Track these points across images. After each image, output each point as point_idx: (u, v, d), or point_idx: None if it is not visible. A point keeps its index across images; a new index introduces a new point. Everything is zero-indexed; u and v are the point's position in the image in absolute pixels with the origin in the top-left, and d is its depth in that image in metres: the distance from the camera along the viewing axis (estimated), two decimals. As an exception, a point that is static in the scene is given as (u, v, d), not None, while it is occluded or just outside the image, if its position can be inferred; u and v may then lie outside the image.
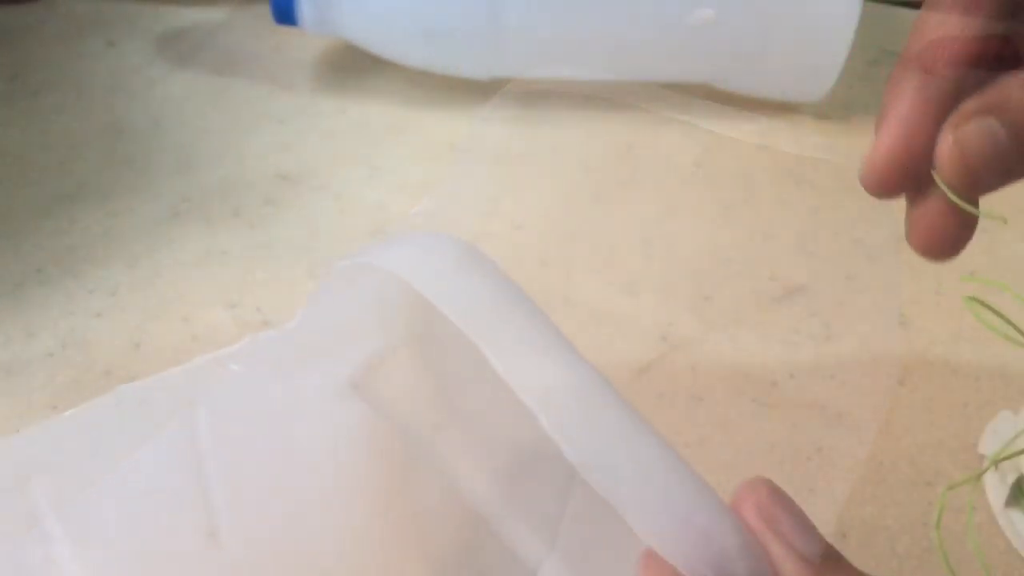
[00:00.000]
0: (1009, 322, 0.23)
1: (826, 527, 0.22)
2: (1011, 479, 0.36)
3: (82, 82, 0.58)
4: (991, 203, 0.24)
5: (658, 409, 0.40)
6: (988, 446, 0.38)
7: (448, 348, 0.27)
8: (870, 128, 0.25)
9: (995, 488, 0.36)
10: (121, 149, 0.53)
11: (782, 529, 0.22)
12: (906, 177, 0.24)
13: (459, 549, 0.29)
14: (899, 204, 0.26)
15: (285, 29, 0.56)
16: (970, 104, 0.23)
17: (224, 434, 0.27)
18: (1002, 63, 0.23)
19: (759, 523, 0.22)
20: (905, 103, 0.24)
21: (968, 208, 0.23)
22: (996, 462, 0.33)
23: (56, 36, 0.62)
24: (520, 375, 0.21)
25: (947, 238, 0.25)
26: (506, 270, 0.29)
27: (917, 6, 0.25)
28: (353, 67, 0.59)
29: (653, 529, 0.20)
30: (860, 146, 0.26)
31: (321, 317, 0.27)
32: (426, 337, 0.28)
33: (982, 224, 0.25)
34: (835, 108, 0.56)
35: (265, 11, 0.56)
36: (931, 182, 0.24)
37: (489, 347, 0.21)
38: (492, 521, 0.28)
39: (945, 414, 0.40)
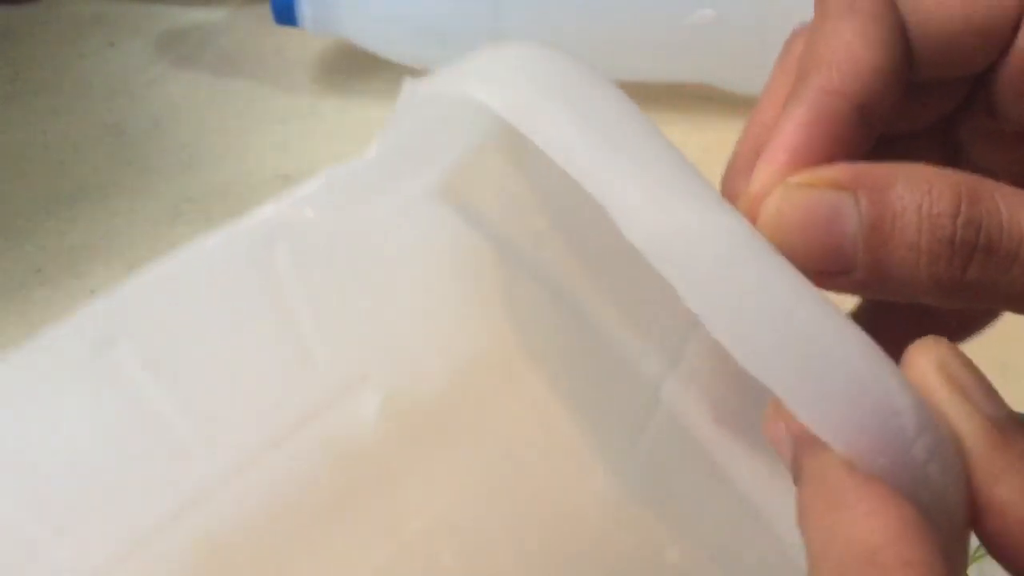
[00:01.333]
0: None
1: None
2: None
3: (82, 82, 0.58)
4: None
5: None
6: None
7: (545, 165, 0.22)
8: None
9: None
10: (121, 149, 0.53)
11: (966, 388, 0.18)
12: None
13: (570, 353, 0.26)
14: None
15: (285, 29, 0.56)
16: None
17: (305, 262, 0.25)
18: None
19: (938, 381, 0.18)
20: (796, 127, 0.20)
21: None
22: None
23: (56, 36, 0.62)
24: (653, 237, 0.17)
25: None
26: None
27: None
28: (353, 67, 0.59)
29: (813, 408, 0.16)
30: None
31: (400, 136, 0.25)
32: (520, 146, 0.24)
33: None
34: (835, 108, 0.56)
35: (265, 11, 0.56)
36: None
37: (601, 184, 0.18)
38: (607, 330, 0.25)
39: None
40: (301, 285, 0.26)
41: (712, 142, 0.55)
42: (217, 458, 0.25)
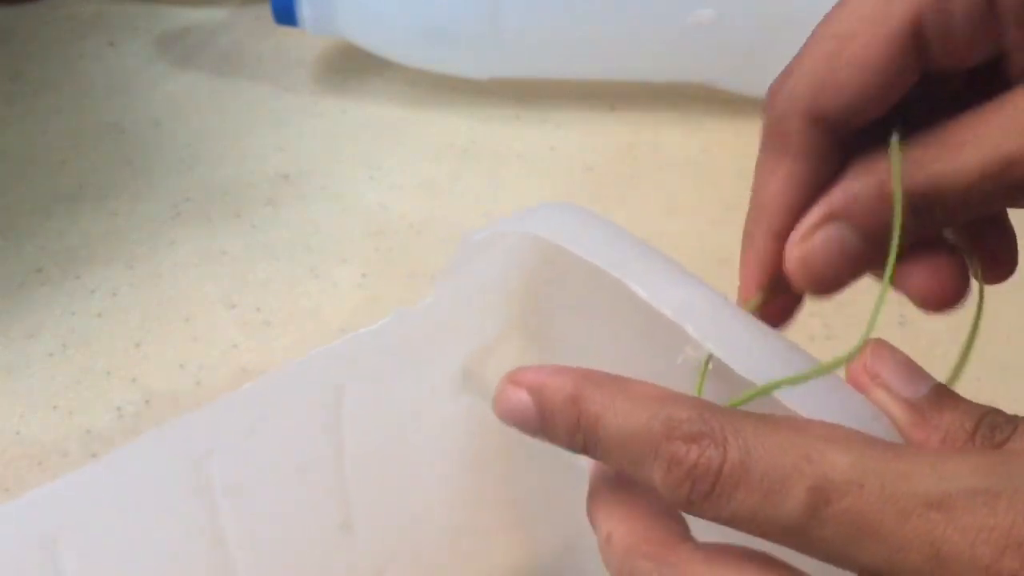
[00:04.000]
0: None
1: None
2: None
3: (82, 82, 0.58)
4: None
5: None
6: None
7: (557, 327, 0.30)
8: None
9: None
10: (121, 149, 0.53)
11: (883, 379, 0.22)
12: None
13: (582, 514, 0.30)
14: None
15: (285, 29, 0.56)
16: (814, 213, 0.23)
17: (358, 429, 0.28)
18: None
19: (867, 380, 0.22)
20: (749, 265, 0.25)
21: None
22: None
23: (57, 36, 0.62)
24: (665, 298, 0.23)
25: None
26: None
27: None
28: (353, 67, 0.59)
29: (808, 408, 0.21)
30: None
31: (443, 301, 0.29)
32: (536, 323, 0.30)
33: None
34: (835, 108, 0.56)
35: (265, 11, 0.56)
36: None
37: (628, 277, 0.24)
38: None
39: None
40: (355, 447, 0.29)
41: (712, 142, 0.55)
42: None
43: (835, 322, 0.43)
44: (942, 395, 0.22)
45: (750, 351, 0.23)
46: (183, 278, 0.45)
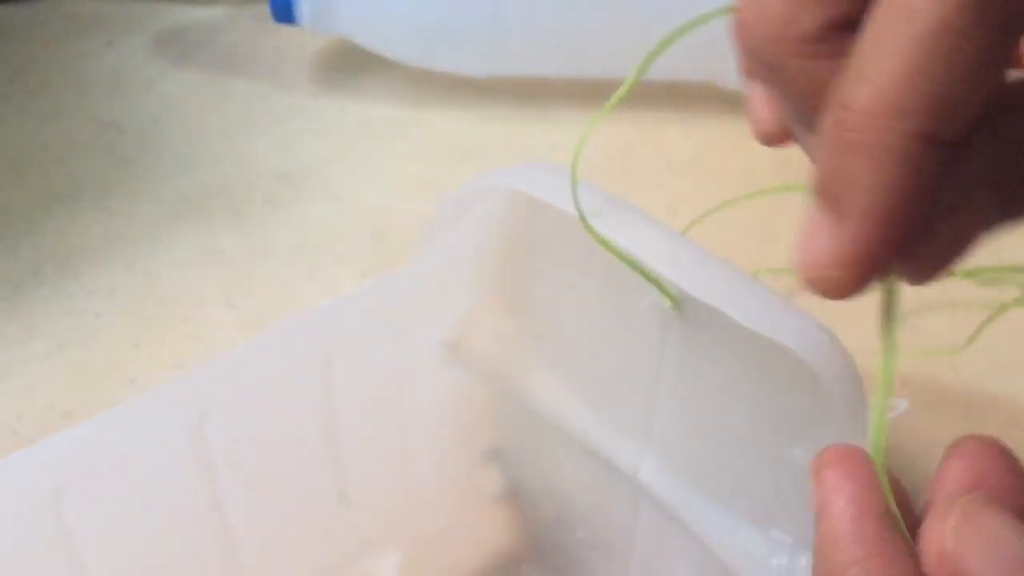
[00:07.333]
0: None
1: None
2: None
3: (81, 81, 0.58)
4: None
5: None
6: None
7: (536, 289, 0.30)
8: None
9: None
10: (120, 149, 0.53)
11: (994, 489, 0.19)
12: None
13: (571, 483, 0.32)
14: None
15: (284, 28, 0.56)
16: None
17: (348, 398, 0.29)
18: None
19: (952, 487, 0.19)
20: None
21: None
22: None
23: (56, 36, 0.62)
24: (648, 249, 0.24)
25: None
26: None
27: None
28: (353, 66, 0.59)
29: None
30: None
31: (424, 268, 0.30)
32: (513, 288, 0.31)
33: None
34: (836, 107, 0.55)
35: (264, 10, 0.56)
36: None
37: (609, 227, 0.25)
38: (590, 434, 0.30)
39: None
40: (347, 416, 0.29)
41: (712, 140, 0.55)
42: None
43: (837, 321, 0.43)
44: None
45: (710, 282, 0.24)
46: (181, 278, 0.45)
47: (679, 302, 0.25)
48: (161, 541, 0.26)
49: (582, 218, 0.25)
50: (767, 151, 0.28)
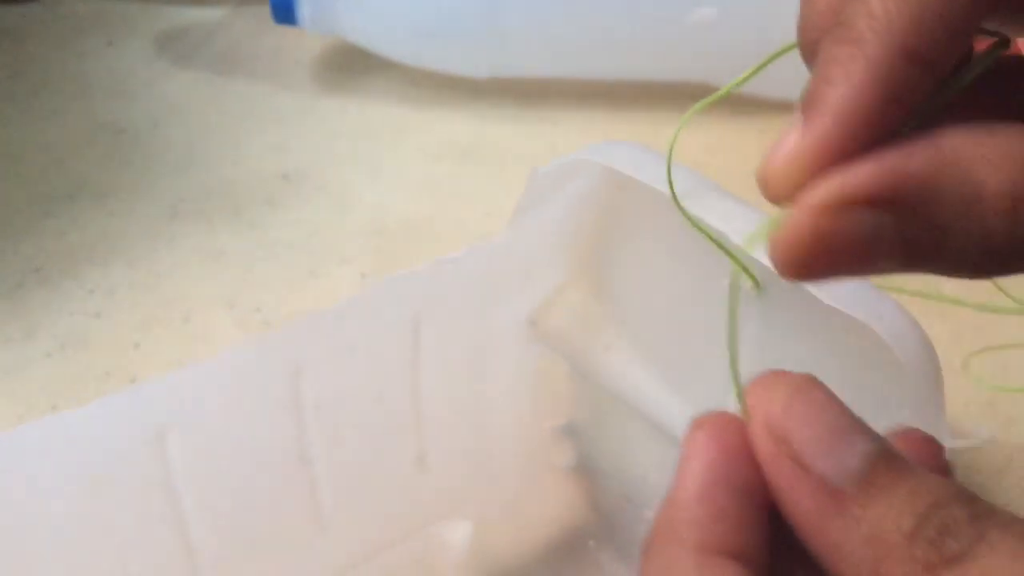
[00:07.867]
0: None
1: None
2: None
3: (81, 81, 0.58)
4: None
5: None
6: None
7: (619, 266, 0.31)
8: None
9: None
10: (121, 149, 0.53)
11: (799, 448, 0.16)
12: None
13: (643, 463, 0.33)
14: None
15: (285, 28, 0.56)
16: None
17: (433, 363, 0.29)
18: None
19: (767, 444, 0.17)
20: (849, 87, 0.17)
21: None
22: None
23: (56, 36, 0.62)
24: (736, 229, 0.24)
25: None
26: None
27: None
28: (353, 66, 0.59)
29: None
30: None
31: (512, 242, 0.30)
32: (598, 264, 0.31)
33: None
34: (835, 108, 0.55)
35: (265, 11, 0.56)
36: None
37: (698, 208, 0.25)
38: (665, 420, 0.30)
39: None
40: (430, 380, 0.30)
41: (712, 142, 0.55)
42: (332, 549, 0.29)
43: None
44: (879, 470, 0.16)
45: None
46: (182, 278, 0.45)
47: (760, 284, 0.25)
48: (252, 488, 0.27)
49: (674, 196, 0.25)
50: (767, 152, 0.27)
